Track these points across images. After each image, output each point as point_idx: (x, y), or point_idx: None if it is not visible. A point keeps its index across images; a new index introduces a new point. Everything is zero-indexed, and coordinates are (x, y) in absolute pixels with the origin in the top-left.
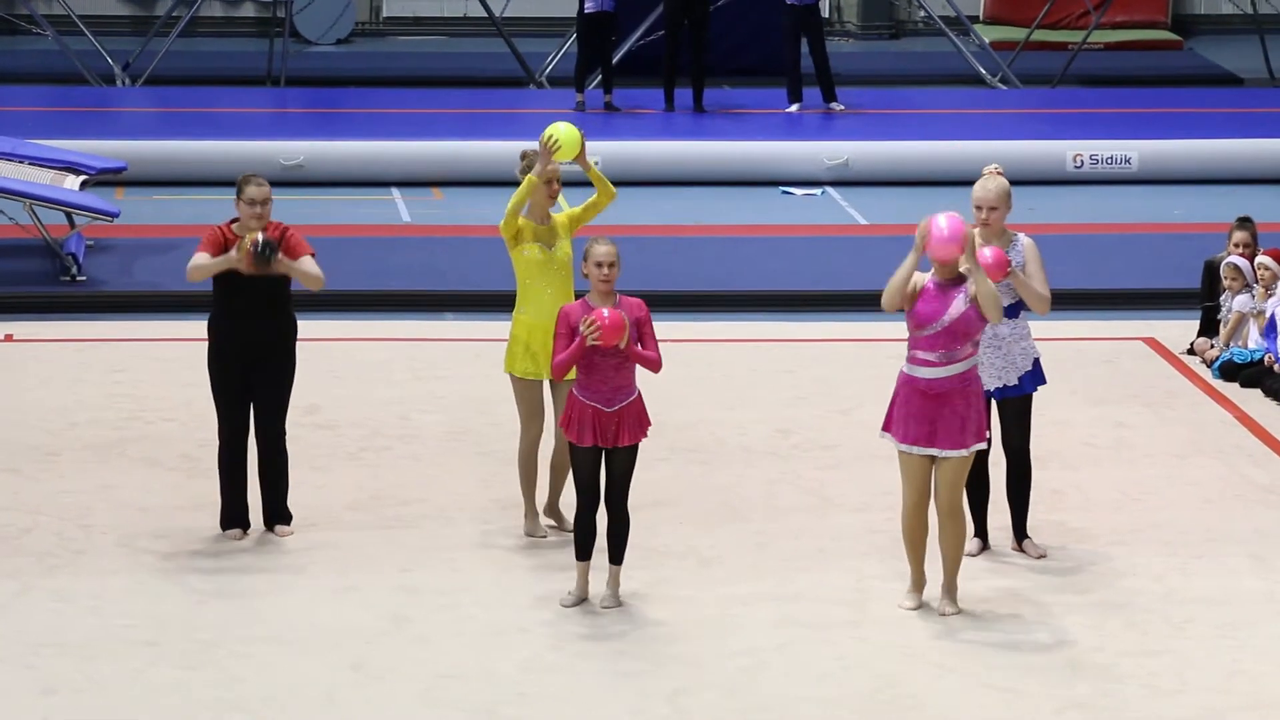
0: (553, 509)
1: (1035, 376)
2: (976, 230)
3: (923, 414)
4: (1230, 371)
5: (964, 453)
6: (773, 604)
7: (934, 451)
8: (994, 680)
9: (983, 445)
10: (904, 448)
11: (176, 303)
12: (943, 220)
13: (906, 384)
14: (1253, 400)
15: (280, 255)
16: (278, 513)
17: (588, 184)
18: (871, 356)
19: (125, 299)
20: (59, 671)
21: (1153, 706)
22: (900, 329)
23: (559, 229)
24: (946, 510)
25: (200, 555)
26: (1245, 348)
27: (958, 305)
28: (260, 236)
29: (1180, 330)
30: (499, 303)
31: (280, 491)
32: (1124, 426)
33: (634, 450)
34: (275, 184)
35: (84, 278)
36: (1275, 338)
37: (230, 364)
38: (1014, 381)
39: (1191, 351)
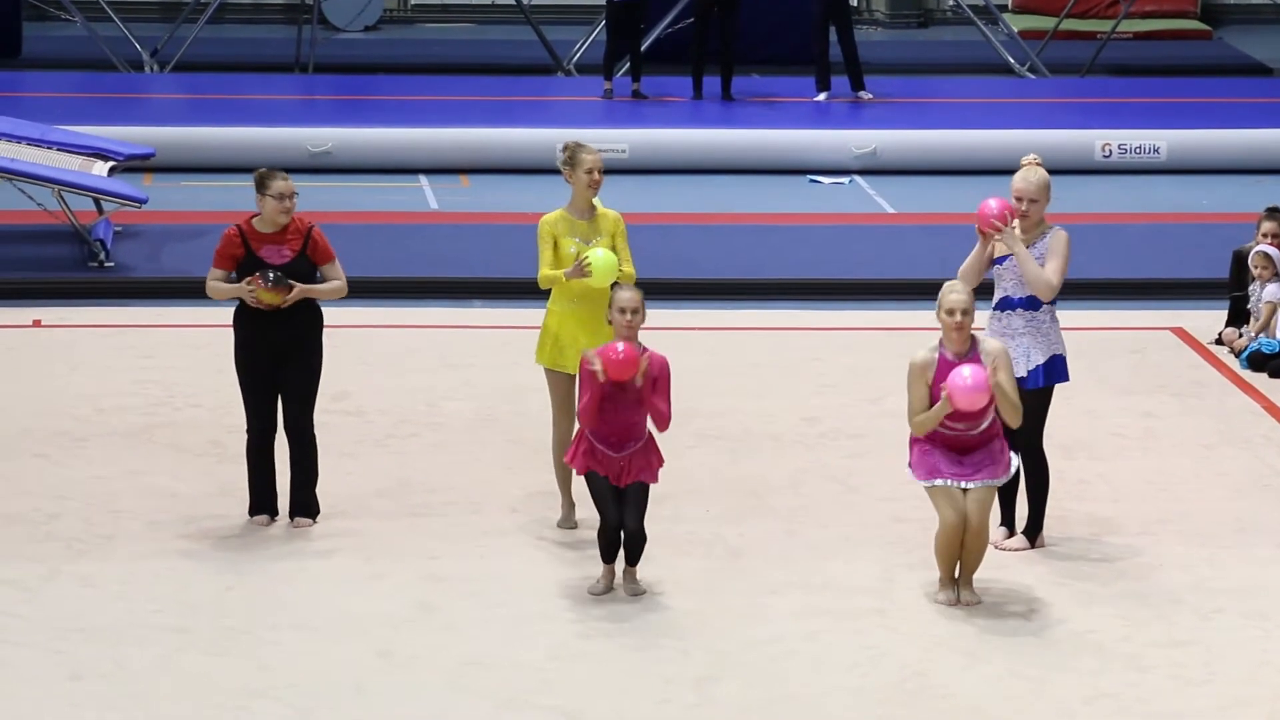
0: (570, 515)
1: (1050, 373)
2: (1016, 224)
3: (949, 457)
4: (1258, 362)
5: (994, 483)
6: (800, 593)
7: (968, 485)
8: (1022, 670)
9: (1010, 474)
10: (938, 483)
11: (204, 289)
12: (966, 372)
13: (929, 436)
14: None
15: (293, 287)
16: (303, 505)
17: (622, 172)
18: (900, 345)
19: (153, 285)
20: (86, 657)
21: (1180, 697)
22: (928, 318)
23: (601, 225)
24: (975, 530)
25: (228, 541)
26: (1273, 338)
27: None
28: (270, 273)
29: (1208, 320)
30: (527, 290)
31: (307, 484)
32: (1152, 416)
33: (645, 487)
34: (303, 170)
35: (112, 264)
36: None
37: (257, 359)
38: (1023, 374)
39: (1220, 341)
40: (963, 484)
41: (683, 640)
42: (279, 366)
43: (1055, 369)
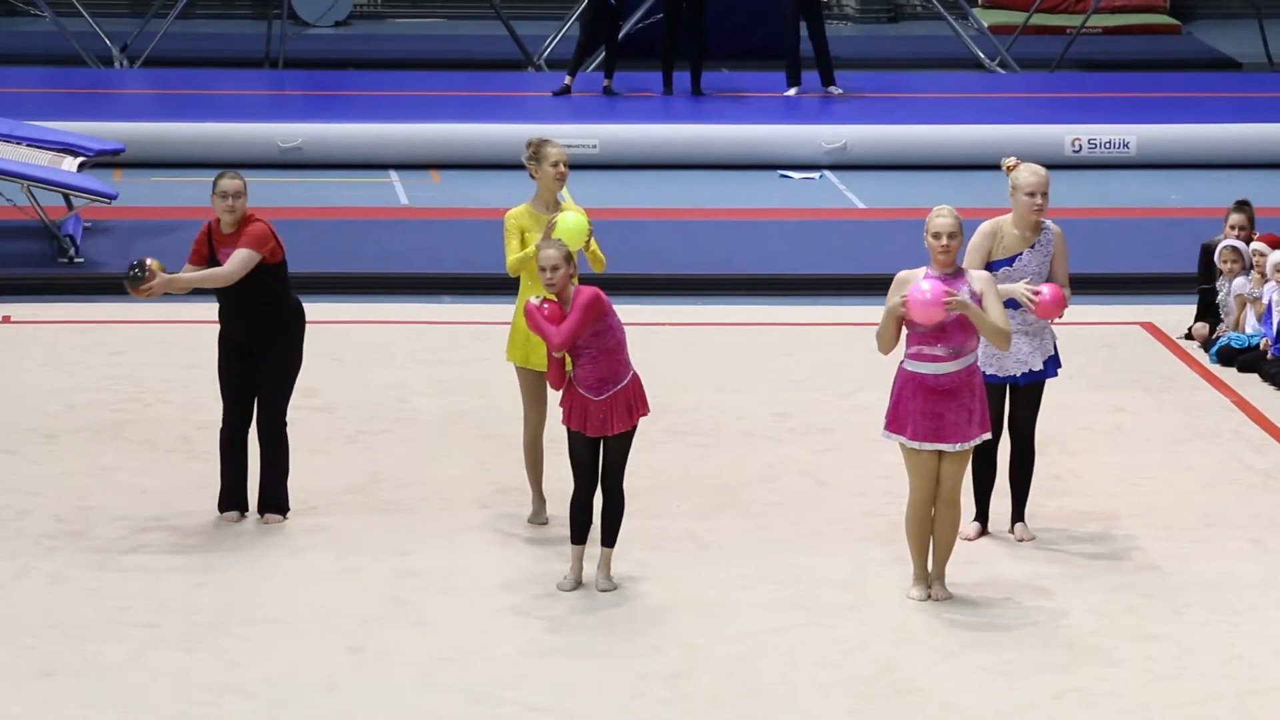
0: (540, 510)
1: (1056, 361)
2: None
3: (930, 409)
4: (1228, 356)
5: (970, 445)
6: (771, 588)
7: (943, 446)
8: (993, 664)
9: (988, 436)
10: (913, 444)
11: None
12: (925, 285)
13: (910, 380)
14: (1250, 385)
15: (151, 276)
16: (273, 502)
17: (592, 167)
18: (869, 340)
19: (123, 281)
20: (57, 653)
21: (1151, 691)
22: None
23: None
24: (946, 500)
25: (199, 537)
26: (1242, 332)
27: (963, 297)
28: (133, 260)
29: (1178, 315)
30: (497, 285)
31: (278, 481)
32: (1122, 411)
33: (627, 437)
34: (273, 166)
35: (82, 259)
36: (1272, 324)
37: (230, 354)
38: (1039, 367)
39: (1189, 336)
40: (928, 446)
41: (654, 635)
42: (251, 362)
43: (1058, 356)
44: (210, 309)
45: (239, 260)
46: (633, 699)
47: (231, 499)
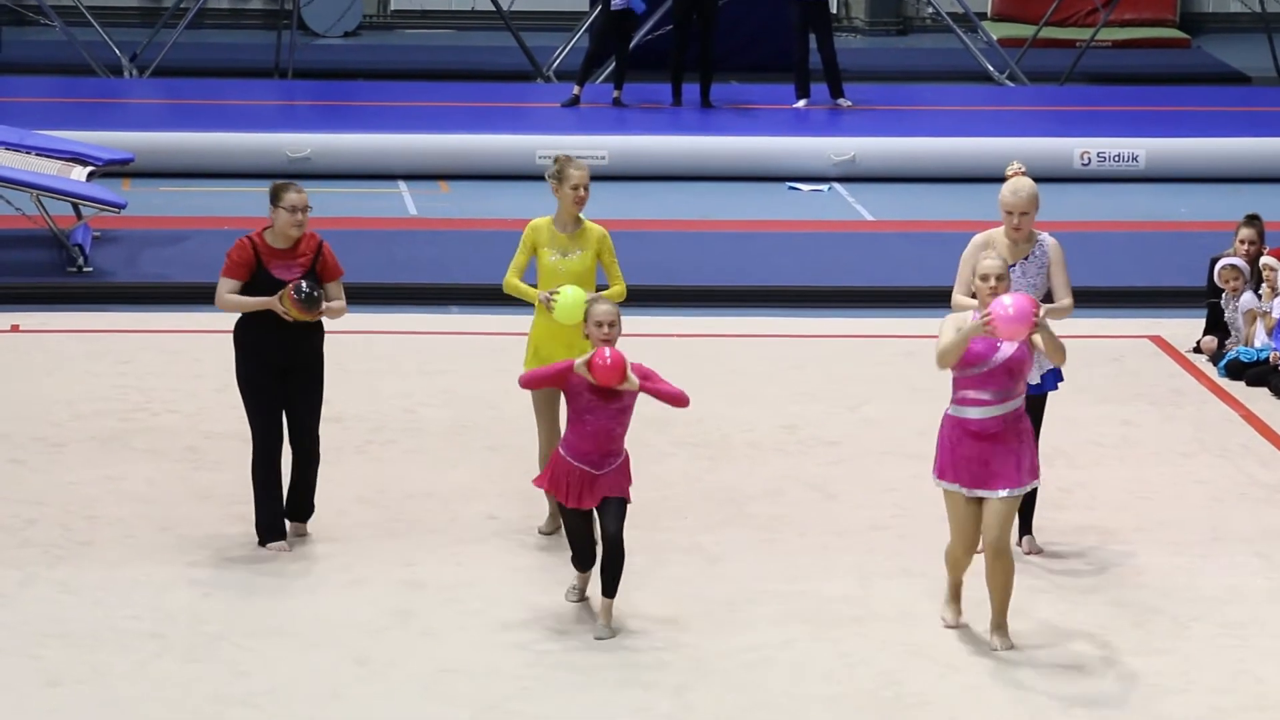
0: (554, 518)
1: (1056, 374)
2: (1006, 238)
3: (975, 455)
4: (1236, 370)
5: (1018, 493)
6: (777, 601)
7: (986, 493)
8: (999, 678)
9: (1037, 483)
10: (956, 489)
11: (183, 294)
12: (1008, 300)
13: (956, 427)
14: (1259, 399)
15: (324, 299)
16: (302, 508)
17: (602, 179)
18: (878, 353)
19: (132, 290)
20: (63, 663)
21: (1158, 706)
22: (906, 325)
23: (583, 240)
24: (994, 550)
25: (205, 547)
26: (1252, 346)
27: (1010, 342)
28: (303, 283)
29: (1187, 328)
30: (506, 296)
31: (307, 493)
32: (1130, 425)
33: (624, 504)
34: (282, 176)
35: (90, 269)
36: None
37: (264, 376)
38: (1037, 380)
39: (1198, 349)
40: (979, 493)
41: (660, 648)
42: (284, 383)
43: (1059, 370)
44: (215, 319)
45: (341, 290)
46: (638, 711)
47: (272, 527)
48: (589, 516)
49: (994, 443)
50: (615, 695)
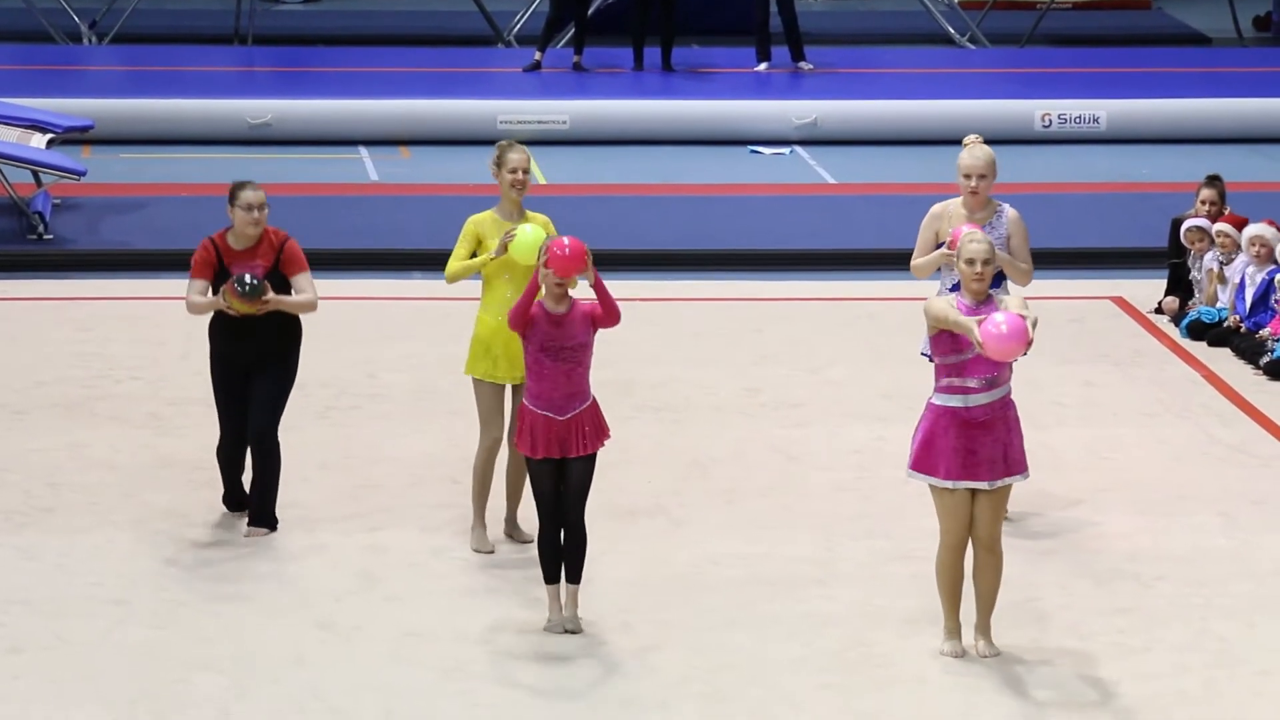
0: (510, 522)
1: None
2: (962, 199)
3: (963, 445)
4: (1198, 330)
5: (1007, 483)
6: (741, 563)
7: (975, 484)
8: (963, 638)
9: (1026, 476)
10: (946, 484)
11: (144, 261)
12: (1000, 318)
13: (942, 416)
14: (1220, 359)
15: (268, 294)
16: (260, 515)
17: (563, 143)
18: (839, 315)
19: (92, 257)
20: (27, 629)
21: (1121, 664)
22: (868, 288)
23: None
24: (986, 544)
25: (169, 514)
26: (1214, 306)
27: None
28: (246, 276)
29: (1148, 289)
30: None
31: (267, 495)
32: (1092, 385)
33: (592, 460)
34: (242, 142)
35: (51, 236)
36: (1243, 299)
37: (230, 372)
38: None
39: (1159, 310)
40: (969, 484)
41: (625, 610)
42: (251, 377)
43: None
44: (176, 286)
45: (310, 283)
46: (604, 673)
47: (239, 500)
48: (555, 474)
49: (984, 431)
50: (581, 658)
